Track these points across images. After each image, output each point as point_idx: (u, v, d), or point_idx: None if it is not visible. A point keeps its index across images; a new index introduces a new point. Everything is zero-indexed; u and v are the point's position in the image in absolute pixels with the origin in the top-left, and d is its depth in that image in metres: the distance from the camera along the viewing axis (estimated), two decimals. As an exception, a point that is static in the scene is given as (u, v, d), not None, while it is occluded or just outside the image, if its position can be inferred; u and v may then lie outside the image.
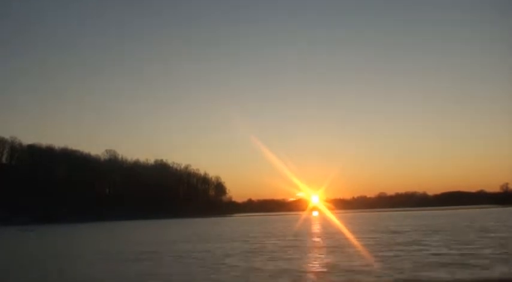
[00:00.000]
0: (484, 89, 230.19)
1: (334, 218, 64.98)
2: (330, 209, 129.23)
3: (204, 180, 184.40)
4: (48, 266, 18.39)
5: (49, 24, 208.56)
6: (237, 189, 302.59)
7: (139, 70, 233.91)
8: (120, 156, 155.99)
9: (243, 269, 14.74)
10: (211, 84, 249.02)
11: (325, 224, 51.89)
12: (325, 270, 13.98)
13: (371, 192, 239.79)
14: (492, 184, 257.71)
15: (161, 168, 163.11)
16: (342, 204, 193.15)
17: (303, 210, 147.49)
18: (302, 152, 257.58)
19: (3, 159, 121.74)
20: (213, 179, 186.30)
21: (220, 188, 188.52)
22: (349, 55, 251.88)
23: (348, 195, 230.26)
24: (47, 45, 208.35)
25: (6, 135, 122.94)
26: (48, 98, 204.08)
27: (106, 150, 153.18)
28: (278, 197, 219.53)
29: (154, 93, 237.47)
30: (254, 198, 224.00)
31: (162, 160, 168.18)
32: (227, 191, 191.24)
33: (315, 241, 27.00)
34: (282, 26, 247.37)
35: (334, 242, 24.38)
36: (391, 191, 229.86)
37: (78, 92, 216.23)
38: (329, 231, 35.95)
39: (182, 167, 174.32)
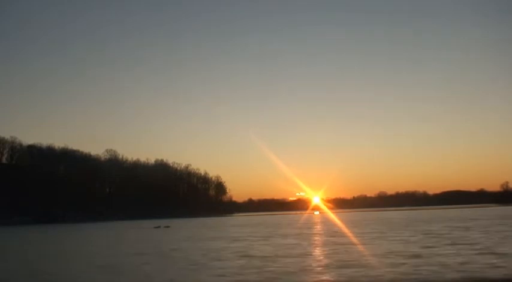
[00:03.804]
0: (484, 88, 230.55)
1: (335, 218, 64.72)
2: (329, 208, 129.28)
3: (204, 180, 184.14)
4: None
5: (49, 23, 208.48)
6: (237, 189, 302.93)
7: (140, 70, 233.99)
8: (120, 156, 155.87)
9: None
10: (212, 84, 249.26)
11: (332, 224, 51.60)
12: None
13: (371, 192, 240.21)
14: (492, 183, 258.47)
15: (161, 168, 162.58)
16: (342, 204, 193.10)
17: (304, 209, 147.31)
18: (302, 152, 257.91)
19: (3, 159, 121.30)
20: (213, 178, 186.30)
21: (220, 187, 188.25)
22: (349, 55, 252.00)
23: (348, 195, 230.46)
24: (46, 45, 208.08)
25: (6, 135, 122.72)
26: (48, 98, 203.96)
27: (106, 150, 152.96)
28: (278, 196, 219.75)
29: (154, 93, 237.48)
30: (254, 197, 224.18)
31: (162, 160, 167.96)
32: (227, 191, 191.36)
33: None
34: (284, 25, 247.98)
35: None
36: (391, 190, 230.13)
37: (78, 92, 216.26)
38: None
39: (182, 167, 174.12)
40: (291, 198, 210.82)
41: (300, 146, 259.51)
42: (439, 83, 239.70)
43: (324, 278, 12.13)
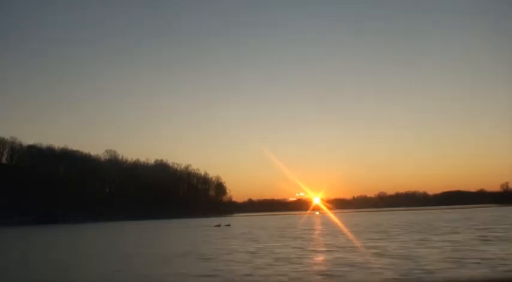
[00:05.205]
0: (484, 89, 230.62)
1: (339, 221, 64.51)
2: (329, 208, 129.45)
3: (204, 180, 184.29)
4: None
5: (49, 24, 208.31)
6: (237, 189, 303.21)
7: (140, 70, 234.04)
8: (120, 156, 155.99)
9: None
10: (211, 84, 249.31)
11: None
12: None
13: (371, 192, 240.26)
14: (492, 183, 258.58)
15: (161, 168, 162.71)
16: (342, 204, 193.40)
17: (304, 210, 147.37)
18: (302, 152, 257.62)
19: (4, 160, 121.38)
20: (213, 179, 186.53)
21: (220, 188, 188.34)
22: (348, 56, 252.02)
23: (348, 195, 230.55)
24: (47, 45, 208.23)
25: (6, 136, 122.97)
26: (48, 98, 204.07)
27: (106, 150, 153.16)
28: (279, 197, 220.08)
29: (154, 94, 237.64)
30: (254, 198, 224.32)
31: (162, 160, 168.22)
32: (227, 191, 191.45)
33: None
34: (284, 22, 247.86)
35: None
36: (391, 190, 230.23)
37: (79, 92, 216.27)
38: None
39: (182, 167, 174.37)
40: (291, 199, 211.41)
41: (300, 147, 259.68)
42: (439, 83, 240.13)
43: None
